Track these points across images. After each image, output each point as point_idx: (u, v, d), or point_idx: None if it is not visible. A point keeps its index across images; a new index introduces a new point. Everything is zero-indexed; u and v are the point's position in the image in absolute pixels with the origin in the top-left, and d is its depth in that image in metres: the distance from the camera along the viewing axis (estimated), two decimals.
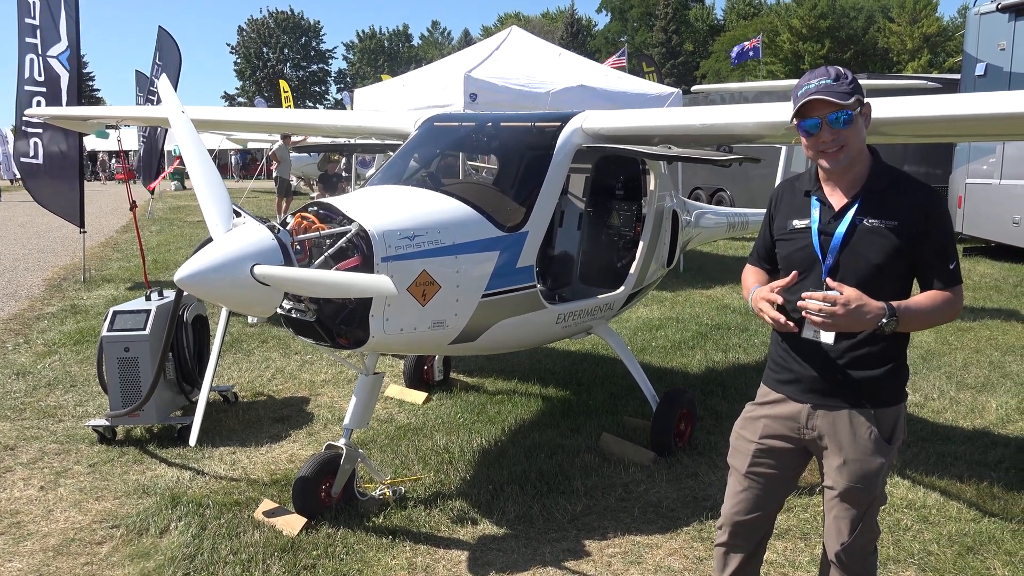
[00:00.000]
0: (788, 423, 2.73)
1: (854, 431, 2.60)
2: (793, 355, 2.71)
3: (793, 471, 2.83)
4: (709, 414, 5.76)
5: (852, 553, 2.69)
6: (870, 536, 2.71)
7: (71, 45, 10.91)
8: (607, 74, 12.42)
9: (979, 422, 5.77)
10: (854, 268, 2.56)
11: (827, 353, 2.61)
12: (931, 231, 2.55)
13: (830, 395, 2.64)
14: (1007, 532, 4.08)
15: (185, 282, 3.27)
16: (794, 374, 2.71)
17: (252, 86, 74.33)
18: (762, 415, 2.81)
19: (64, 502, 4.46)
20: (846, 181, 2.63)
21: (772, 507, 2.87)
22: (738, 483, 2.85)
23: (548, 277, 5.62)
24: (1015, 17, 12.38)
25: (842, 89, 2.49)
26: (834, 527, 2.69)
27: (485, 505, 4.37)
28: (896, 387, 2.66)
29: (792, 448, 2.75)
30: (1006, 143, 12.53)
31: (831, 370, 2.62)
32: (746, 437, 2.84)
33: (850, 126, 2.51)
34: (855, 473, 2.60)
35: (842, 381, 2.61)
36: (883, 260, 2.54)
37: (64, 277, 11.70)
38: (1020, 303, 10.10)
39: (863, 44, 52.20)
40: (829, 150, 2.55)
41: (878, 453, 2.59)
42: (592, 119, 4.96)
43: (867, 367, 2.58)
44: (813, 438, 2.69)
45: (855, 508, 2.64)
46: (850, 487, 2.62)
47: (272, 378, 6.79)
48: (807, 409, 2.68)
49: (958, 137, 8.72)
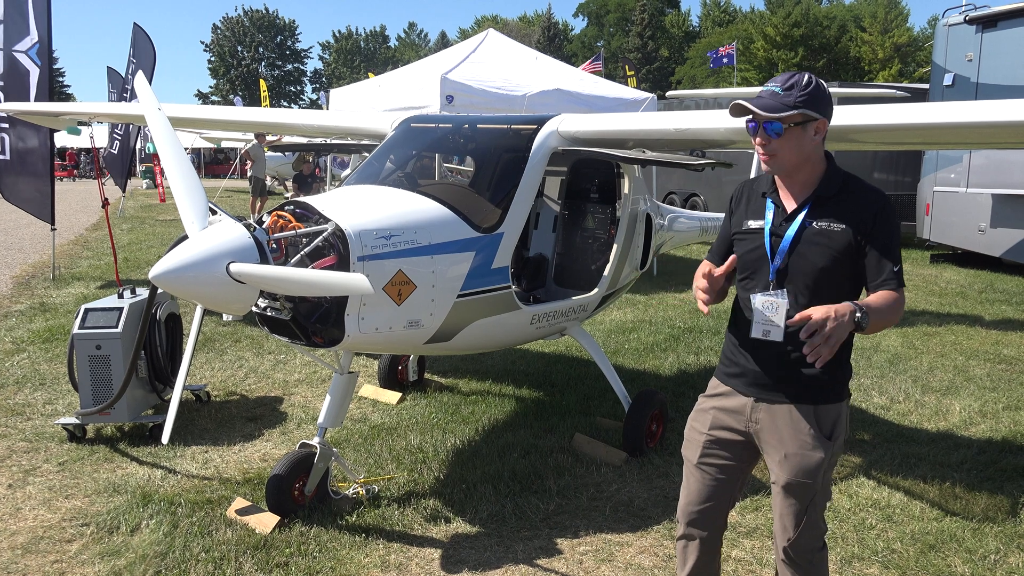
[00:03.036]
0: (735, 415, 2.80)
1: (794, 426, 2.66)
2: (741, 350, 2.79)
3: (744, 463, 2.87)
4: (680, 415, 5.79)
5: (799, 549, 2.74)
6: (816, 532, 2.75)
7: (41, 39, 10.74)
8: (583, 78, 12.50)
9: (943, 424, 5.90)
10: (801, 270, 2.62)
11: (773, 349, 2.65)
12: (877, 234, 2.59)
13: (773, 389, 2.70)
14: (968, 531, 4.18)
15: (160, 279, 3.26)
16: (740, 368, 2.79)
17: (226, 84, 73.73)
18: (711, 407, 2.88)
19: (33, 500, 4.42)
20: (798, 185, 2.68)
21: (724, 497, 2.90)
22: (691, 474, 2.91)
23: (523, 278, 5.67)
24: (982, 29, 12.64)
25: (785, 100, 2.52)
26: (780, 524, 2.76)
27: (458, 504, 4.40)
28: (838, 385, 2.72)
29: (741, 440, 2.81)
30: (972, 153, 12.79)
31: (775, 365, 2.68)
32: (697, 428, 2.90)
33: (779, 137, 2.55)
34: (795, 467, 2.66)
35: (785, 376, 2.67)
36: (830, 263, 2.60)
37: (33, 275, 11.53)
38: (985, 309, 10.32)
39: (836, 53, 52.88)
40: (762, 153, 2.62)
41: (818, 448, 2.64)
42: (568, 122, 5.01)
43: (810, 364, 2.58)
44: (757, 431, 2.75)
45: (797, 502, 2.69)
46: (791, 481, 2.67)
47: (245, 377, 6.76)
48: (751, 402, 2.75)
49: (926, 145, 8.90)
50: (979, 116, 4.02)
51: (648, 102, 12.01)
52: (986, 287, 11.84)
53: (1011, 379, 7.08)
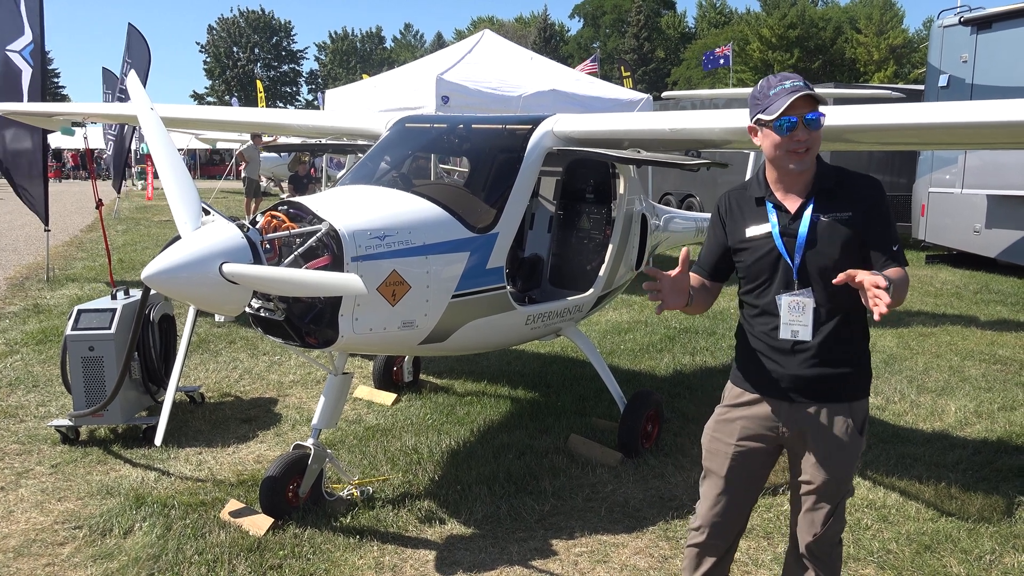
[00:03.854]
0: (765, 423, 2.77)
1: (831, 426, 2.67)
2: (769, 355, 2.75)
3: (767, 469, 2.89)
4: (676, 416, 5.82)
5: (823, 544, 2.77)
6: (838, 527, 2.80)
7: (35, 39, 10.70)
8: (578, 78, 12.51)
9: (938, 425, 5.90)
10: (819, 263, 2.63)
11: (801, 351, 2.66)
12: (877, 216, 2.65)
13: (808, 392, 2.69)
14: (963, 531, 4.17)
15: (152, 280, 3.24)
16: (768, 374, 2.75)
17: (222, 85, 73.61)
18: (738, 416, 2.83)
19: (25, 503, 4.39)
20: (798, 184, 2.69)
21: (748, 505, 2.94)
22: (716, 485, 2.87)
23: (518, 279, 5.66)
24: (977, 30, 12.67)
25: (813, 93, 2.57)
26: (807, 520, 2.76)
27: (453, 505, 4.38)
28: (865, 380, 2.76)
29: (767, 448, 2.81)
30: (968, 154, 12.81)
31: (808, 367, 2.67)
32: (723, 440, 2.85)
33: (819, 128, 2.59)
34: (832, 467, 2.68)
35: (817, 377, 2.67)
36: (844, 253, 2.61)
37: (27, 276, 11.50)
38: (980, 310, 10.33)
39: (831, 54, 52.97)
40: (799, 150, 2.59)
41: (854, 444, 2.69)
42: (563, 122, 5.00)
43: (839, 363, 2.66)
44: (790, 436, 2.74)
45: (830, 501, 2.72)
46: (827, 481, 2.69)
47: (240, 379, 6.73)
48: (784, 407, 2.73)
49: (921, 145, 8.91)
50: (974, 116, 4.02)
51: (644, 103, 12.01)
52: (981, 288, 11.85)
53: (1006, 379, 7.08)
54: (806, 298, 2.62)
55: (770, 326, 2.72)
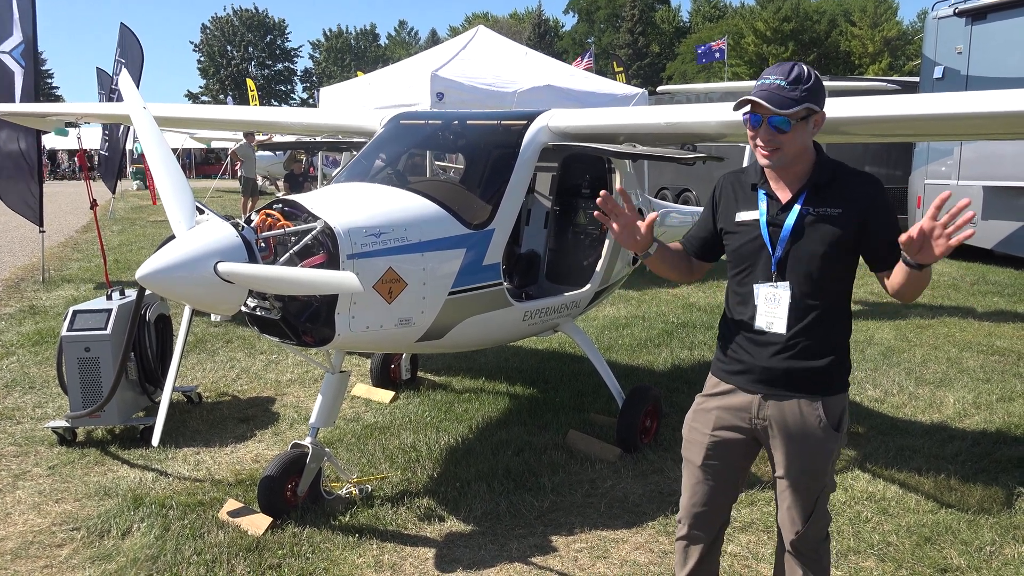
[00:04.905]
0: (740, 413, 2.76)
1: (805, 420, 2.65)
2: (742, 345, 2.75)
3: (746, 460, 2.87)
4: (674, 410, 5.81)
5: (807, 541, 2.75)
6: (822, 523, 2.77)
7: (26, 40, 10.63)
8: (573, 74, 12.47)
9: (937, 417, 5.90)
10: (802, 258, 2.61)
11: (777, 343, 2.65)
12: (877, 215, 2.61)
13: (780, 384, 2.67)
14: (963, 523, 4.17)
15: (147, 279, 3.22)
16: (744, 364, 2.74)
17: (216, 84, 73.45)
18: (714, 406, 2.83)
19: (22, 504, 4.38)
20: (791, 175, 2.67)
21: (728, 496, 2.91)
22: (693, 475, 2.87)
23: (515, 275, 5.65)
24: (972, 22, 12.66)
25: (791, 95, 2.48)
26: (787, 517, 2.75)
27: (452, 502, 4.37)
28: (841, 375, 2.72)
29: (744, 438, 2.79)
30: (963, 145, 12.81)
31: (780, 360, 2.66)
32: (699, 429, 2.85)
33: (787, 132, 2.53)
34: (805, 461, 2.66)
35: (791, 370, 2.65)
36: (829, 250, 2.59)
37: (22, 277, 11.46)
38: (977, 301, 10.34)
39: (826, 47, 52.97)
40: (764, 149, 2.59)
41: (828, 440, 2.65)
42: (558, 117, 4.98)
43: (815, 356, 2.63)
44: (764, 427, 2.73)
45: (807, 496, 2.70)
46: (801, 475, 2.67)
47: (237, 378, 6.72)
48: (758, 399, 2.72)
49: (916, 137, 8.89)
50: (969, 107, 4.01)
51: (639, 97, 11.98)
52: (978, 279, 11.86)
53: (1004, 370, 7.09)
54: (783, 291, 2.61)
55: (747, 315, 2.71)
